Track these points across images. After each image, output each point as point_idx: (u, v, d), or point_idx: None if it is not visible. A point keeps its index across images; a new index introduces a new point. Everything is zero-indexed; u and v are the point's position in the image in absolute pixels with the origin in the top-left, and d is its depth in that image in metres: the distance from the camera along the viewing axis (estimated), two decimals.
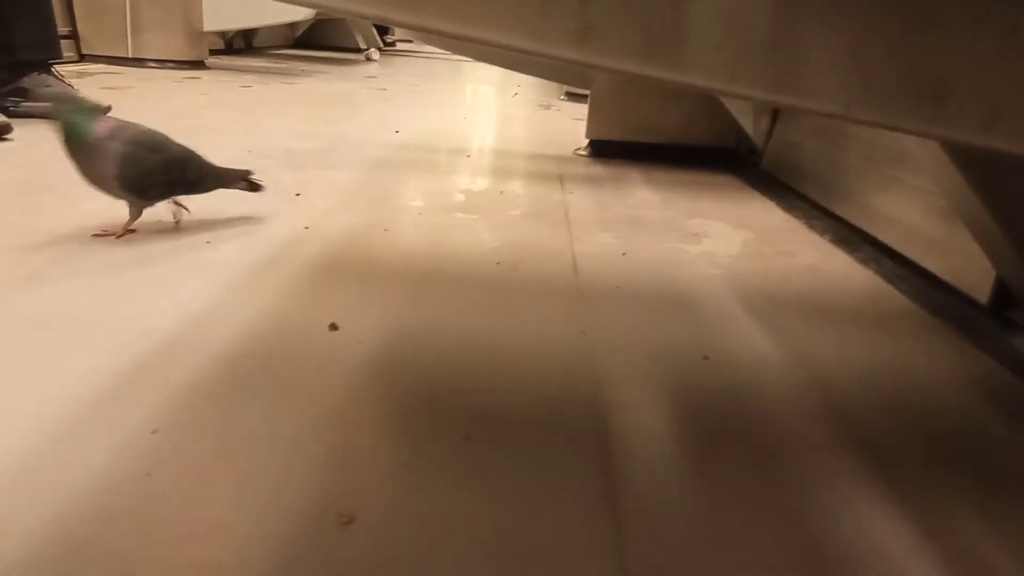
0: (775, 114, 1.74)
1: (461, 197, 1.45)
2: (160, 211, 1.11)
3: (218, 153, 1.63)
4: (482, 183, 1.59)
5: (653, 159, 1.88)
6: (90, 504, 0.51)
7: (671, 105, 1.85)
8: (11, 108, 1.75)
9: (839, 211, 1.41)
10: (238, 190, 1.15)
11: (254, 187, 1.16)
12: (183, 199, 1.12)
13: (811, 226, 1.40)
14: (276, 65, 3.89)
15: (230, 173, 1.14)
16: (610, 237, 1.24)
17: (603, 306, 0.94)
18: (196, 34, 3.23)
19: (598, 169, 1.81)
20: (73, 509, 0.50)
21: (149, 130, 1.06)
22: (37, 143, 1.60)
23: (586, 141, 1.96)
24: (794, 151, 1.66)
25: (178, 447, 0.58)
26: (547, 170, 1.77)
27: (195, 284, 0.90)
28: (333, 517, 0.52)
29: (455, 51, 2.62)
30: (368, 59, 4.86)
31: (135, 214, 1.06)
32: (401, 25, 0.54)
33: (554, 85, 3.54)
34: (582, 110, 2.19)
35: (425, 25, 0.51)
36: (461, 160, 1.85)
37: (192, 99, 2.47)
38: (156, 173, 1.03)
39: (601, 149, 1.92)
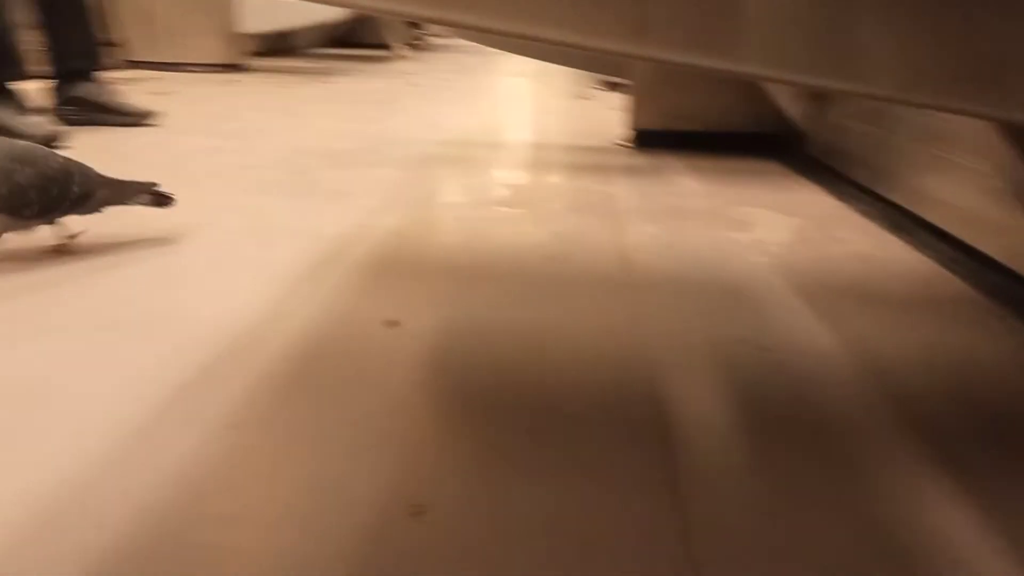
0: (821, 98, 1.72)
1: (505, 191, 1.45)
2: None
3: (263, 155, 1.67)
4: (524, 177, 1.60)
5: (696, 148, 1.86)
6: (176, 495, 0.53)
7: (713, 92, 1.83)
8: (66, 116, 1.79)
9: (890, 195, 1.39)
10: (142, 205, 1.04)
11: (162, 200, 1.05)
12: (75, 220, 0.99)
13: (862, 211, 1.38)
14: (314, 65, 3.94)
15: (130, 186, 1.03)
16: (656, 228, 1.24)
17: (654, 297, 0.95)
18: (236, 37, 3.28)
19: (640, 159, 1.80)
20: (160, 501, 0.52)
21: (25, 144, 0.96)
22: (92, 151, 1.65)
23: (627, 131, 1.95)
24: (842, 135, 1.64)
25: (255, 441, 0.60)
26: (588, 162, 1.77)
27: (255, 283, 0.92)
28: (404, 507, 0.53)
29: (488, 44, 2.62)
30: (399, 56, 4.88)
31: None
32: (458, 25, 0.55)
33: (589, 75, 3.53)
34: (619, 99, 2.18)
35: (482, 25, 0.52)
36: (501, 154, 1.86)
37: (234, 102, 2.52)
38: (30, 188, 0.91)
39: (642, 139, 1.91)
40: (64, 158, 0.97)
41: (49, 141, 1.60)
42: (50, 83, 1.88)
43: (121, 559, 0.47)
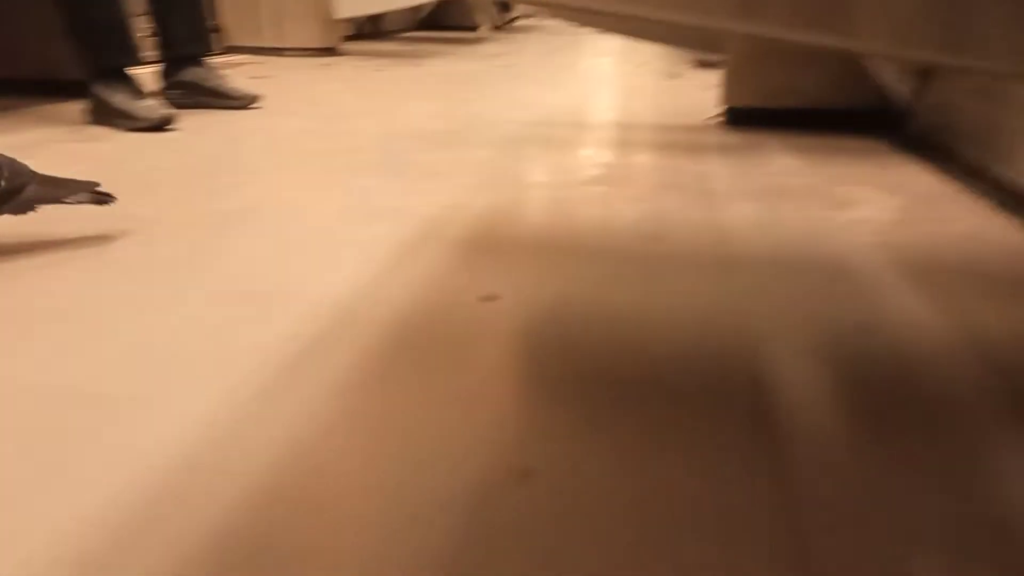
0: (928, 74, 1.65)
1: (596, 170, 1.46)
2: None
3: (359, 137, 1.71)
4: (615, 156, 1.60)
5: (793, 125, 1.81)
6: (292, 454, 0.56)
7: (812, 67, 1.78)
8: (175, 100, 1.88)
9: (1001, 174, 1.33)
10: (79, 204, 0.99)
11: (101, 200, 0.99)
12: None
13: (969, 190, 1.32)
14: (404, 48, 3.99)
15: (67, 185, 0.98)
16: (753, 206, 1.22)
17: (751, 276, 0.94)
18: (330, 22, 3.36)
19: (734, 138, 1.77)
20: (279, 458, 0.56)
21: None
22: (202, 132, 1.73)
23: (720, 109, 1.92)
24: (949, 111, 1.57)
25: (363, 406, 0.63)
26: (680, 140, 1.76)
27: (355, 260, 0.96)
28: (510, 472, 0.55)
29: (577, 23, 2.61)
30: (482, 37, 4.89)
31: None
32: (561, 5, 0.55)
33: (681, 53, 3.47)
34: (712, 78, 2.14)
35: (589, 6, 0.52)
36: (591, 133, 1.86)
37: (330, 85, 2.59)
38: None
39: (736, 117, 1.87)
40: None
41: (163, 124, 1.69)
42: (161, 68, 1.97)
43: (246, 508, 0.51)
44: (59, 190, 0.96)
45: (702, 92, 2.40)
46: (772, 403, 0.65)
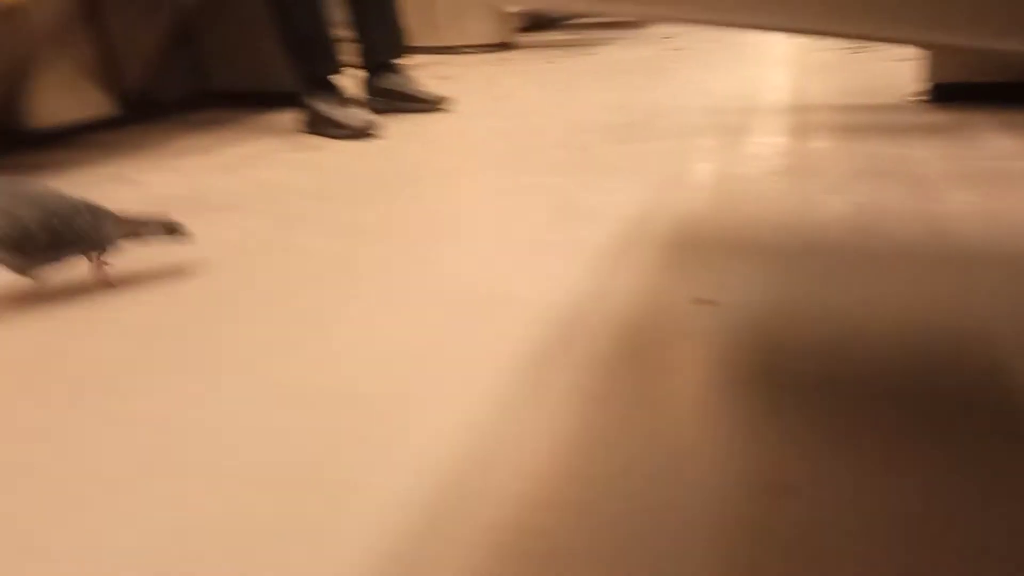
0: None
1: (792, 159, 1.43)
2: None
3: (544, 132, 1.76)
4: (805, 142, 1.55)
5: (1009, 101, 1.68)
6: (556, 445, 0.62)
7: None
8: (376, 106, 2.00)
9: None
10: (157, 237, 1.03)
11: (174, 231, 1.03)
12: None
13: None
14: (574, 37, 4.02)
15: (142, 223, 1.02)
16: (970, 194, 1.16)
17: (978, 272, 0.90)
18: (504, 16, 3.45)
19: (939, 117, 1.67)
20: (544, 460, 0.61)
21: (25, 180, 0.98)
22: (403, 138, 1.83)
23: (922, 85, 1.81)
24: None
25: (603, 414, 0.67)
26: (878, 122, 1.68)
27: (566, 264, 1.00)
28: (763, 486, 0.57)
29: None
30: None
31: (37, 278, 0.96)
32: (741, 25, 0.56)
33: None
34: (905, 50, 2.01)
35: (782, 25, 0.52)
36: (776, 119, 1.81)
37: (509, 80, 2.66)
38: (36, 228, 0.91)
39: (942, 93, 1.76)
40: (75, 198, 0.97)
41: (367, 130, 1.81)
42: (361, 75, 2.11)
43: (526, 489, 0.56)
44: (137, 226, 1.02)
45: (895, 65, 2.27)
46: None
